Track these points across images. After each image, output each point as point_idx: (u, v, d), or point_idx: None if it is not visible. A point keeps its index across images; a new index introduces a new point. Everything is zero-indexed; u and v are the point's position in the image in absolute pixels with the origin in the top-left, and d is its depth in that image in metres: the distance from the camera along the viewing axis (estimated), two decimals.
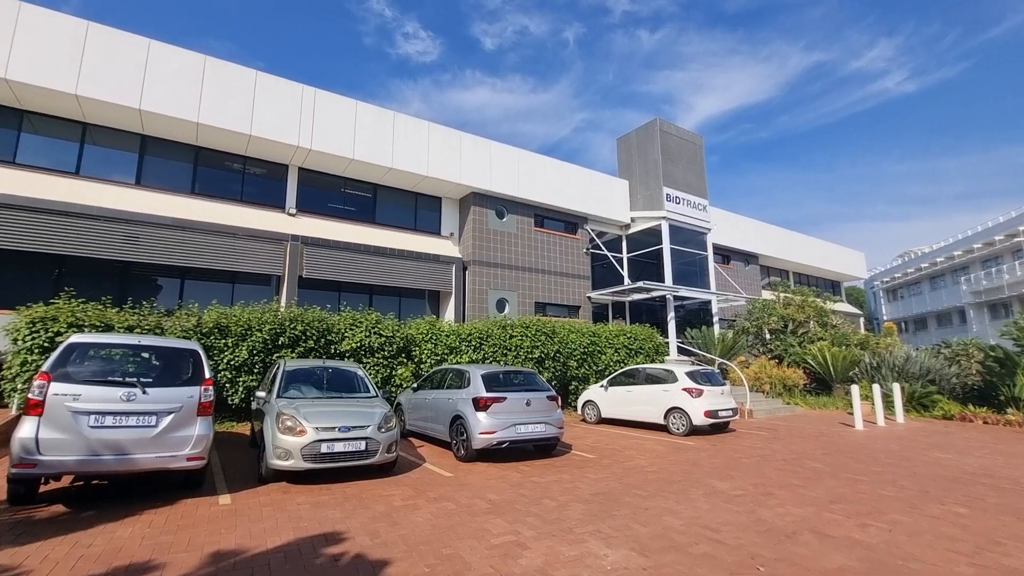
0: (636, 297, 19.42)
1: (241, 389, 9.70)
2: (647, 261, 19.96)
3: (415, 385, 10.19)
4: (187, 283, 12.73)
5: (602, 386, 12.38)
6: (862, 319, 32.11)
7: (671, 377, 11.06)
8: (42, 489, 5.36)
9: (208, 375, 5.75)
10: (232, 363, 9.68)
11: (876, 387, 13.01)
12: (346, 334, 10.99)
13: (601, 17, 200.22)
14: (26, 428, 4.78)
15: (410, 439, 9.47)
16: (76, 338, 5.52)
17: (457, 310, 15.59)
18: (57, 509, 5.00)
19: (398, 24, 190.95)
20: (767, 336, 20.09)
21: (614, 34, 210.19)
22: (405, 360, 11.70)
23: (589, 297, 18.56)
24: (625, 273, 19.61)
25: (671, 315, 18.48)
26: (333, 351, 10.82)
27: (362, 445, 6.34)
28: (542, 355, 13.16)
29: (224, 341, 9.77)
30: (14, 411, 8.09)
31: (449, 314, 15.72)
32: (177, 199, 12.59)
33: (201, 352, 6.01)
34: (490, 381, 8.15)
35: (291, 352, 10.24)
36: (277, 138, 13.03)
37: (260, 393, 7.39)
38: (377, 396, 7.64)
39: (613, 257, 19.51)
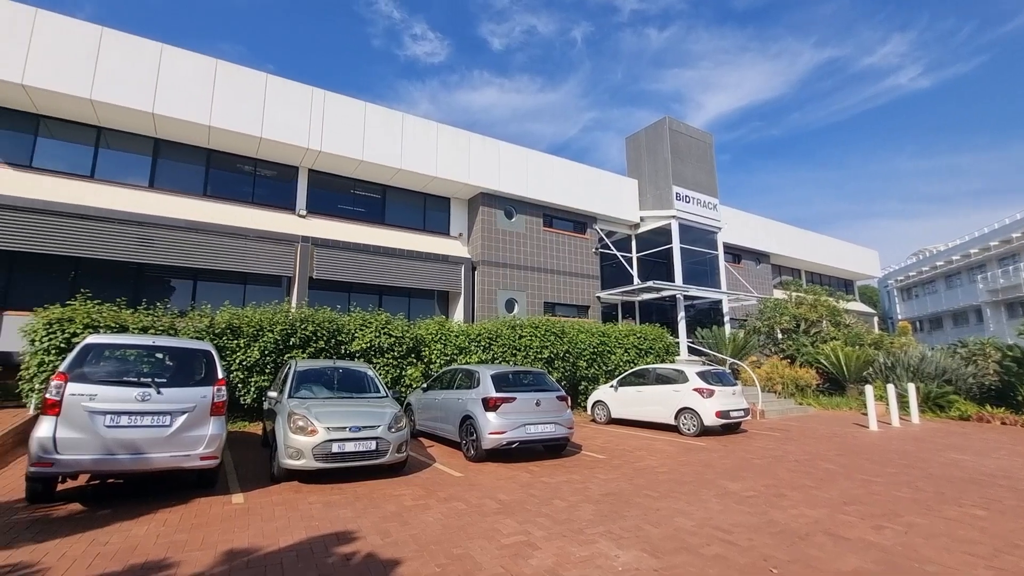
0: (646, 297, 19.32)
1: (253, 389, 9.79)
2: (657, 260, 19.86)
3: (425, 385, 10.22)
4: (200, 284, 12.87)
5: (612, 386, 12.34)
6: (876, 318, 31.69)
7: (682, 377, 10.99)
8: (59, 488, 5.45)
9: (221, 375, 5.82)
10: (244, 363, 9.77)
11: (890, 387, 12.84)
12: (356, 335, 11.05)
13: (609, 16, 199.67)
14: (44, 427, 4.86)
15: (420, 439, 9.50)
16: (92, 339, 5.60)
17: (466, 310, 15.61)
18: (74, 507, 5.08)
19: (406, 26, 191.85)
20: (779, 336, 19.90)
21: (622, 33, 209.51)
22: (415, 360, 11.74)
23: (598, 297, 18.50)
24: (634, 273, 19.53)
25: (681, 315, 18.37)
26: (343, 351, 10.89)
27: (372, 445, 6.37)
28: (551, 355, 13.15)
29: (236, 342, 9.87)
30: (32, 411, 8.23)
31: (458, 314, 15.75)
32: (190, 201, 12.75)
33: (214, 353, 6.08)
34: (500, 381, 8.16)
35: (302, 352, 10.32)
36: (287, 140, 13.14)
37: (272, 393, 7.45)
38: (387, 396, 7.68)
39: (622, 257, 19.44)
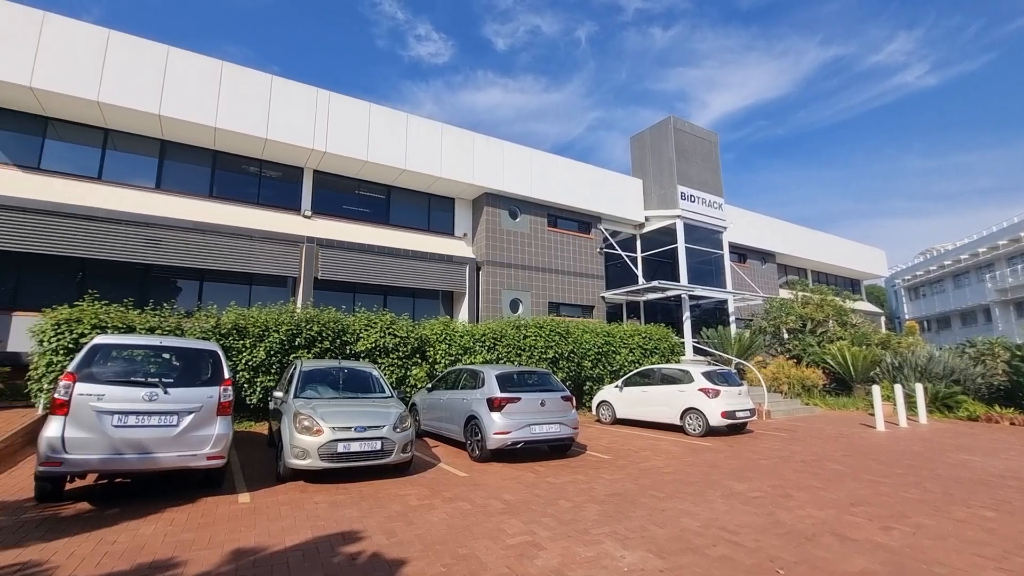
0: (651, 297, 19.28)
1: (259, 389, 9.83)
2: (662, 260, 19.80)
3: (430, 385, 10.23)
4: (206, 285, 12.95)
5: (617, 386, 12.31)
6: (883, 318, 31.48)
7: (687, 377, 10.96)
8: (68, 487, 5.49)
9: (227, 375, 5.85)
10: (250, 364, 9.82)
11: (898, 387, 12.75)
12: (361, 335, 11.08)
13: (614, 15, 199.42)
14: (52, 427, 4.90)
15: (425, 439, 9.51)
16: (100, 339, 5.64)
17: (471, 310, 15.62)
18: (82, 506, 5.11)
19: (410, 26, 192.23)
20: (785, 336, 19.80)
21: (627, 32, 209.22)
22: (419, 360, 11.76)
23: (603, 297, 18.48)
24: (639, 272, 19.48)
25: (686, 315, 18.31)
26: (348, 352, 10.92)
27: (378, 445, 6.38)
28: (556, 355, 13.14)
29: (242, 342, 9.92)
30: (40, 410, 8.30)
31: (463, 315, 15.77)
32: (196, 202, 12.82)
33: (220, 353, 6.10)
34: (504, 381, 8.15)
35: (307, 353, 10.35)
36: (292, 141, 13.19)
37: (277, 393, 7.48)
38: (392, 396, 7.69)
39: (627, 256, 19.39)
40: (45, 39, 10.64)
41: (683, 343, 17.54)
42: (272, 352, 10.02)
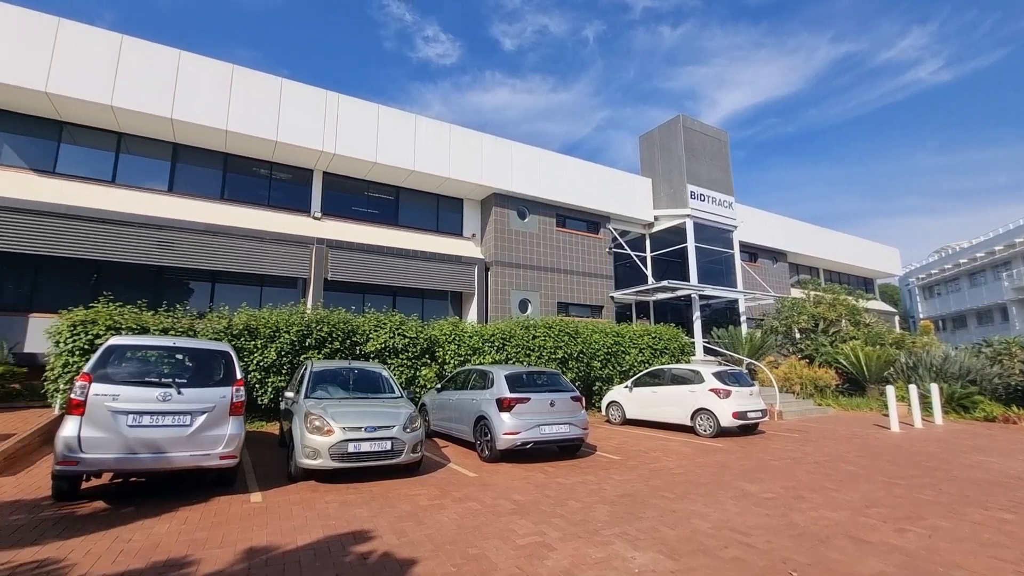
0: (660, 296, 19.17)
1: (270, 389, 9.91)
2: (671, 260, 19.70)
3: (439, 386, 10.26)
4: (217, 286, 13.08)
5: (626, 387, 12.26)
6: (897, 317, 31.08)
7: (698, 377, 10.89)
8: (84, 486, 5.56)
9: (239, 376, 5.90)
10: (261, 364, 9.90)
11: (912, 388, 12.58)
12: (371, 335, 11.13)
13: (621, 14, 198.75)
14: (69, 427, 4.97)
15: (434, 439, 9.53)
16: (115, 340, 5.72)
17: (480, 311, 15.64)
18: (98, 505, 5.18)
19: (418, 28, 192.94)
20: (797, 335, 19.61)
21: (635, 31, 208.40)
22: (429, 361, 11.79)
23: (612, 297, 18.41)
24: (649, 272, 19.39)
25: (696, 314, 18.19)
26: (358, 352, 10.98)
27: (388, 445, 6.41)
28: (565, 355, 13.11)
29: (253, 343, 10.00)
30: (57, 410, 8.43)
31: (472, 315, 15.79)
32: (207, 205, 12.96)
33: (232, 353, 6.16)
34: (514, 382, 8.15)
35: (318, 353, 10.42)
36: (302, 143, 13.29)
37: (288, 394, 7.53)
38: (402, 397, 7.72)
39: (636, 256, 19.31)
40: (60, 45, 10.81)
41: (693, 343, 17.42)
42: (283, 353, 10.09)
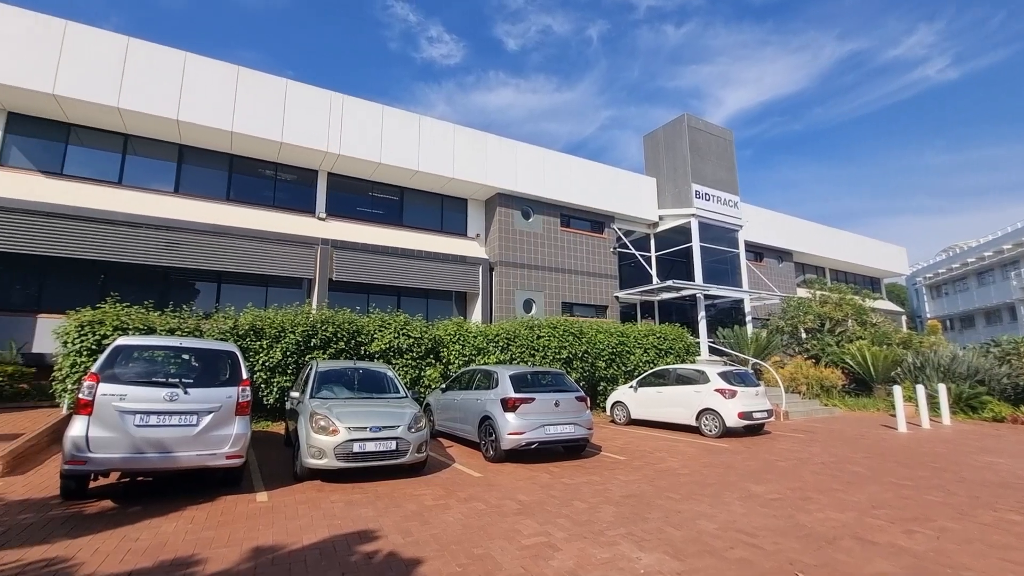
0: (665, 296, 19.13)
1: (275, 389, 9.95)
2: (676, 259, 19.64)
3: (444, 386, 10.26)
4: (223, 287, 13.14)
5: (631, 387, 12.23)
6: (904, 317, 30.88)
7: (703, 378, 10.85)
8: (92, 485, 5.59)
9: (245, 376, 5.92)
10: (267, 364, 9.94)
11: (920, 388, 12.49)
12: (375, 336, 11.15)
13: (625, 14, 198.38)
14: (77, 427, 5.01)
15: (439, 439, 9.54)
16: (122, 341, 5.75)
17: (484, 311, 15.65)
18: (106, 504, 5.22)
19: (422, 28, 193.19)
20: (803, 335, 19.51)
21: (639, 30, 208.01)
22: (433, 361, 11.80)
23: (617, 297, 18.38)
24: (653, 272, 19.34)
25: (702, 314, 18.13)
26: (363, 352, 11.00)
27: (393, 445, 6.42)
28: (570, 355, 13.09)
29: (259, 343, 10.04)
30: (65, 410, 8.49)
31: (476, 315, 15.80)
32: (213, 206, 13.02)
33: (239, 354, 6.19)
34: (518, 382, 8.15)
35: (323, 353, 10.45)
36: (307, 144, 13.33)
37: (294, 393, 7.56)
38: (407, 397, 7.72)
39: (641, 256, 19.27)
40: (67, 47, 10.89)
41: (698, 343, 17.35)
42: (288, 353, 10.13)
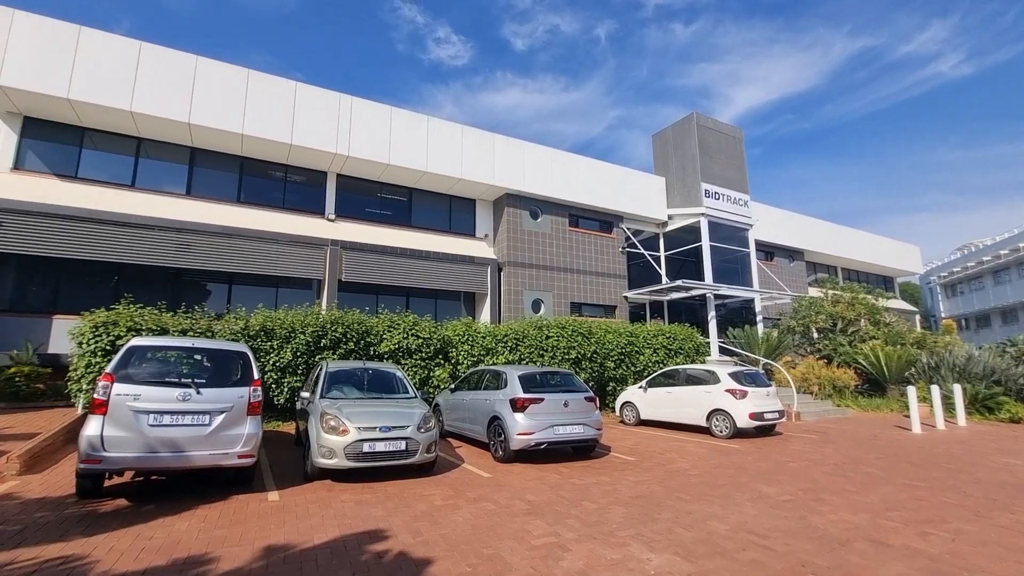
0: (675, 296, 19.02)
1: (286, 390, 10.03)
2: (686, 259, 19.53)
3: (453, 386, 10.29)
4: (234, 288, 13.27)
5: (641, 387, 12.18)
6: (918, 316, 30.46)
7: (713, 378, 10.78)
8: (106, 484, 5.66)
9: (256, 376, 5.97)
10: (277, 364, 10.02)
11: (935, 388, 12.31)
12: (384, 336, 11.20)
13: (633, 12, 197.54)
14: (92, 426, 5.08)
15: (448, 439, 9.56)
16: (136, 341, 5.82)
17: (493, 311, 15.65)
18: (120, 503, 5.29)
19: (430, 30, 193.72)
20: (815, 335, 19.31)
21: (647, 29, 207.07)
22: (442, 361, 11.83)
23: (626, 297, 18.31)
24: (663, 272, 19.25)
25: (712, 314, 18.01)
26: (372, 353, 11.05)
27: (402, 445, 6.44)
28: (579, 356, 13.06)
29: (270, 343, 10.12)
30: (80, 410, 8.61)
31: (485, 315, 15.81)
32: (224, 208, 13.15)
33: (250, 354, 6.24)
34: (527, 382, 8.14)
35: (332, 354, 10.51)
36: (316, 146, 13.42)
37: (304, 394, 7.61)
38: (416, 397, 7.75)
39: (650, 256, 19.18)
40: (81, 52, 11.05)
41: (708, 343, 17.25)
42: (298, 353, 10.20)
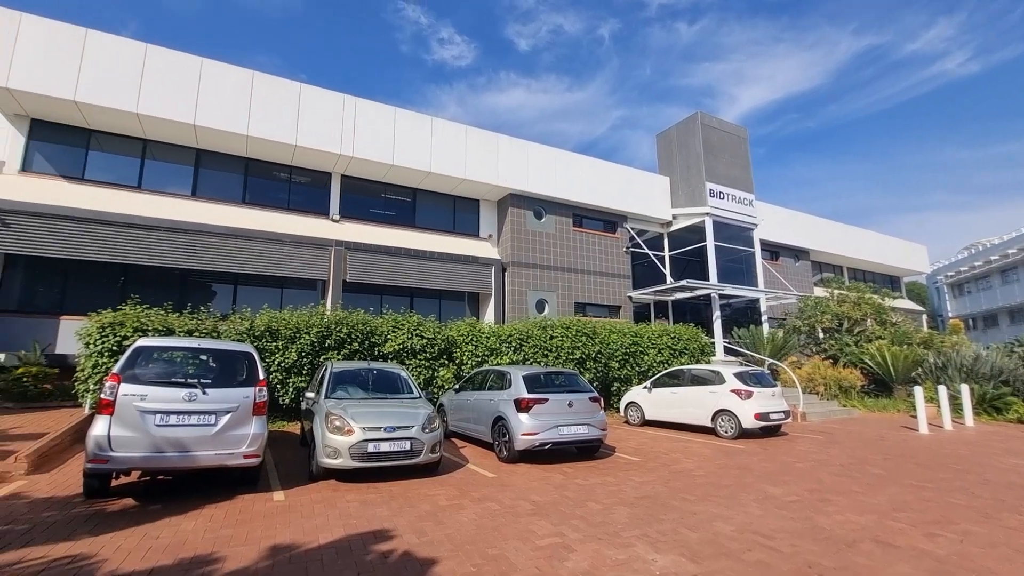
0: (679, 296, 18.98)
1: (291, 390, 10.05)
2: (690, 259, 19.47)
3: (457, 386, 10.29)
4: (239, 288, 13.32)
5: (645, 387, 12.15)
6: (924, 316, 30.26)
7: (718, 378, 10.74)
8: (113, 483, 5.69)
9: (262, 376, 6.00)
10: (282, 365, 10.05)
11: (942, 388, 12.23)
12: (389, 336, 11.22)
13: (637, 12, 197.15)
14: (99, 426, 5.11)
15: (453, 440, 9.57)
16: (142, 342, 5.86)
17: (497, 311, 15.66)
18: (127, 502, 5.32)
19: (433, 31, 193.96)
20: (820, 335, 19.22)
21: (651, 28, 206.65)
22: (446, 362, 11.84)
23: (630, 297, 18.27)
24: (667, 272, 19.20)
25: (716, 314, 17.95)
26: (377, 353, 11.07)
27: (407, 445, 6.45)
28: (583, 356, 13.05)
29: (275, 344, 10.16)
30: (87, 410, 8.67)
31: (489, 315, 15.81)
32: (229, 209, 13.21)
33: (255, 354, 6.27)
34: (531, 382, 8.14)
35: (337, 354, 10.54)
36: (321, 147, 13.46)
37: (309, 394, 7.63)
38: (420, 397, 7.76)
39: (654, 255, 19.13)
40: (88, 55, 11.12)
41: (713, 343, 17.18)
42: (303, 353, 10.24)
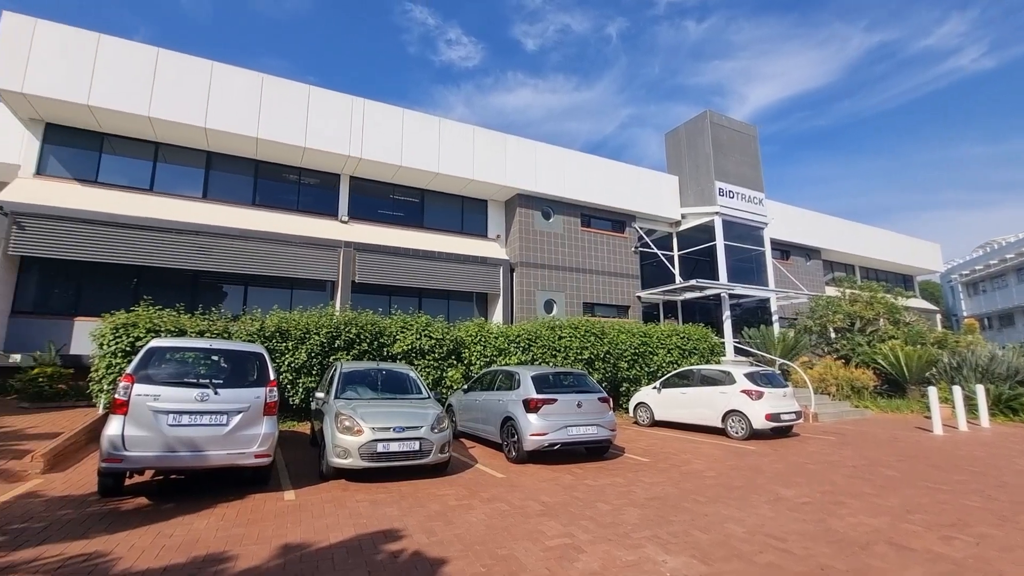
0: (689, 296, 18.87)
1: (301, 390, 10.13)
2: (700, 258, 19.35)
3: (465, 387, 10.30)
4: (250, 289, 13.44)
5: (655, 388, 12.09)
6: (938, 316, 29.86)
7: (728, 378, 10.66)
8: (127, 482, 5.76)
9: (272, 376, 6.05)
10: (293, 365, 10.13)
11: (956, 389, 12.05)
12: (398, 337, 11.27)
13: (645, 10, 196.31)
14: (113, 426, 5.18)
15: (461, 440, 9.58)
16: (155, 343, 5.94)
17: (505, 312, 15.66)
18: (141, 501, 5.38)
19: (440, 32, 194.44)
20: (832, 335, 19.02)
21: (659, 26, 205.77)
22: (455, 362, 11.86)
23: (639, 297, 18.20)
24: (676, 271, 19.10)
25: (726, 314, 17.83)
26: (386, 353, 11.12)
27: (416, 445, 6.47)
28: (592, 356, 13.01)
29: (285, 344, 10.23)
30: (101, 410, 8.79)
31: (497, 316, 15.82)
32: (240, 210, 13.33)
33: (266, 355, 6.33)
34: (540, 383, 8.13)
35: (346, 354, 10.60)
36: (330, 149, 13.55)
37: (319, 394, 7.68)
38: (429, 397, 7.78)
39: (663, 255, 19.04)
40: (100, 59, 11.29)
41: (723, 343, 17.06)
42: (313, 354, 10.31)
